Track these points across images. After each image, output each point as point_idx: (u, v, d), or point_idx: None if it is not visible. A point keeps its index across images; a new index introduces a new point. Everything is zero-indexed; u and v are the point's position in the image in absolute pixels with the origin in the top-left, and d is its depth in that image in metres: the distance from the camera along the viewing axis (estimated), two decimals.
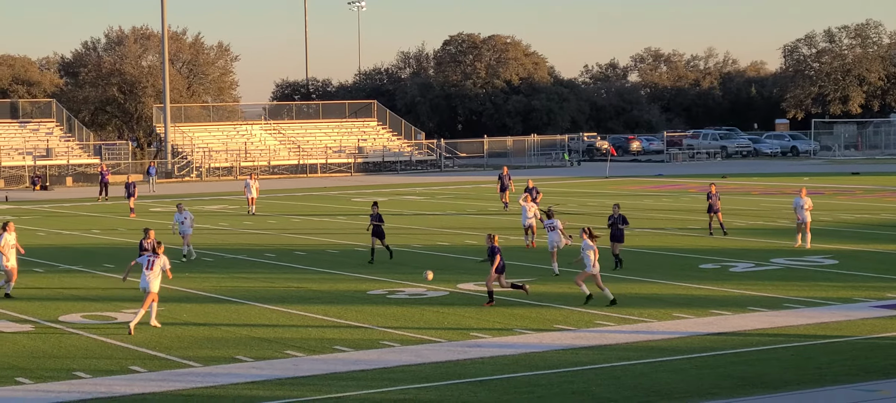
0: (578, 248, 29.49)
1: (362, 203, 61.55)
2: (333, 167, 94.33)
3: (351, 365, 22.64)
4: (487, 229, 46.13)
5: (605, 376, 21.66)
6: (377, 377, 21.68)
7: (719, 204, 43.22)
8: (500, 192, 56.77)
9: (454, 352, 23.69)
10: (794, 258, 36.91)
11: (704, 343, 24.47)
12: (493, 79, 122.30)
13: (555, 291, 31.01)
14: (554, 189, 70.33)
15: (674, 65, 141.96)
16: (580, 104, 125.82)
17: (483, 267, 35.73)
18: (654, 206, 57.12)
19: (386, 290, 31.54)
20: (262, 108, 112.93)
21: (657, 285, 32.02)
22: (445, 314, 28.02)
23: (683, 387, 20.73)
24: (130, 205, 56.70)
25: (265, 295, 30.85)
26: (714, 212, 42.88)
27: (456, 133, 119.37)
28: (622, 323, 26.58)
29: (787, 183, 70.99)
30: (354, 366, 22.57)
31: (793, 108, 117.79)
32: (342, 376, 21.80)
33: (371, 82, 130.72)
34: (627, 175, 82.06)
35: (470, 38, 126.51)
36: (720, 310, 27.89)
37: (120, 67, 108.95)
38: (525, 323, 26.74)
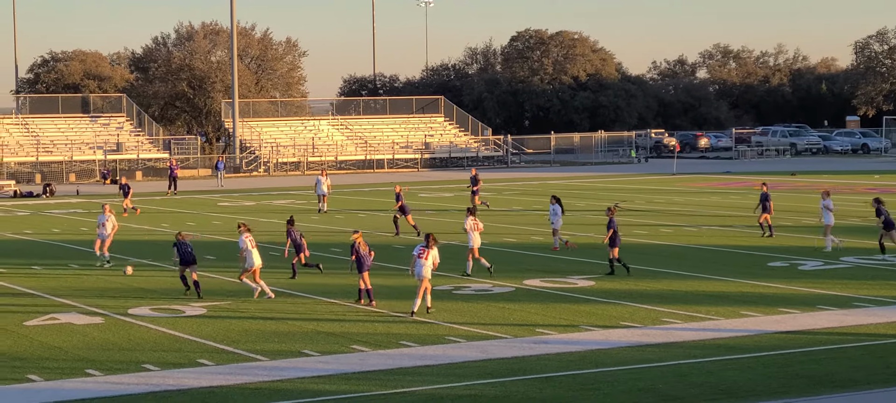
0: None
1: (429, 198, 61.63)
2: (400, 163, 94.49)
3: (416, 361, 22.67)
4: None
5: (672, 373, 21.55)
6: (442, 372, 21.70)
7: (772, 205, 42.72)
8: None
9: (520, 348, 23.67)
10: (865, 256, 36.55)
11: (773, 341, 24.28)
12: (560, 76, 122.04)
13: (621, 288, 30.90)
14: (621, 186, 70.09)
15: (743, 61, 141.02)
16: (648, 100, 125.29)
17: (547, 263, 35.67)
18: (721, 203, 56.75)
19: (452, 286, 31.56)
20: (330, 104, 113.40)
21: (725, 283, 31.82)
22: (511, 310, 27.99)
23: (751, 386, 20.58)
24: (125, 205, 54.38)
25: (332, 290, 30.95)
26: (766, 212, 42.35)
27: (523, 129, 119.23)
28: (689, 321, 26.43)
29: (858, 180, 70.31)
30: (420, 361, 22.60)
31: (864, 105, 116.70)
32: (408, 371, 21.83)
33: (438, 78, 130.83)
34: (695, 172, 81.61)
35: (537, 33, 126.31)
36: (789, 309, 27.66)
37: (189, 63, 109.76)
38: (591, 319, 26.67)
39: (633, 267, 33.87)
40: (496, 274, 33.23)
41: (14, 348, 24.02)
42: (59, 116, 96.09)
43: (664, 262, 35.86)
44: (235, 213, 55.04)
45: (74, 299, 29.89)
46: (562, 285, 31.55)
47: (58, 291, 31.23)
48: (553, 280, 32.44)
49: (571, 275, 33.10)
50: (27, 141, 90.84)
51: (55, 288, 31.66)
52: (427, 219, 50.55)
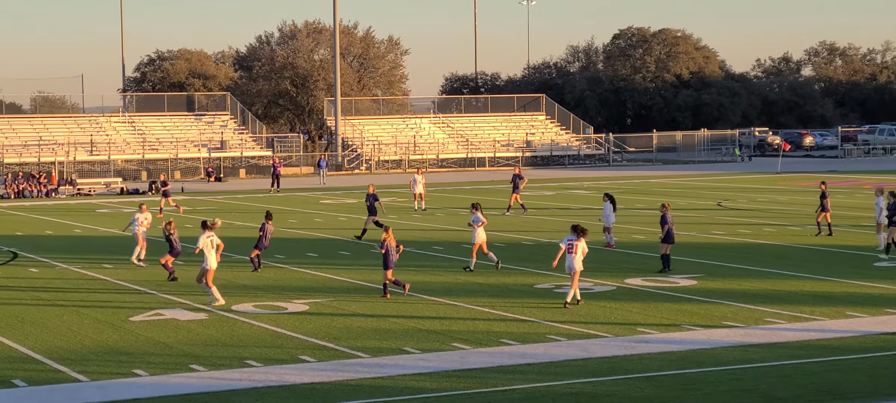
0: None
1: (530, 197, 61.56)
2: (501, 161, 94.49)
3: (517, 359, 22.66)
4: (656, 224, 45.87)
5: (775, 374, 21.34)
6: (543, 371, 21.67)
7: (829, 204, 42.24)
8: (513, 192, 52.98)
9: (620, 347, 23.57)
10: (881, 249, 35.93)
11: (879, 342, 23.94)
12: (662, 73, 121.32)
13: (723, 287, 30.66)
14: (723, 185, 69.51)
15: (849, 58, 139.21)
16: (751, 98, 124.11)
17: (646, 263, 35.49)
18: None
19: (553, 284, 31.51)
20: (431, 102, 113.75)
21: (830, 283, 31.43)
22: (612, 308, 27.89)
23: (857, 387, 20.30)
24: (162, 205, 54.06)
25: (432, 288, 31.04)
26: (825, 211, 41.86)
27: (624, 127, 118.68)
28: (793, 321, 26.15)
29: None
30: (520, 360, 22.58)
31: None
32: (508, 369, 21.83)
33: (539, 76, 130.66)
34: (800, 170, 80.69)
35: (640, 31, 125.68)
36: (895, 310, 27.26)
37: (292, 61, 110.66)
38: (693, 319, 26.48)
39: (737, 266, 33.61)
40: (600, 273, 33.12)
41: (120, 343, 24.40)
42: (164, 114, 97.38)
43: (768, 262, 35.51)
44: (337, 211, 55.40)
45: (180, 295, 30.27)
46: (663, 284, 31.36)
47: (163, 287, 31.65)
48: (654, 279, 32.26)
49: (674, 275, 32.90)
50: (133, 139, 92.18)
51: (161, 284, 32.09)
52: (529, 218, 50.50)
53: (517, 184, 52.99)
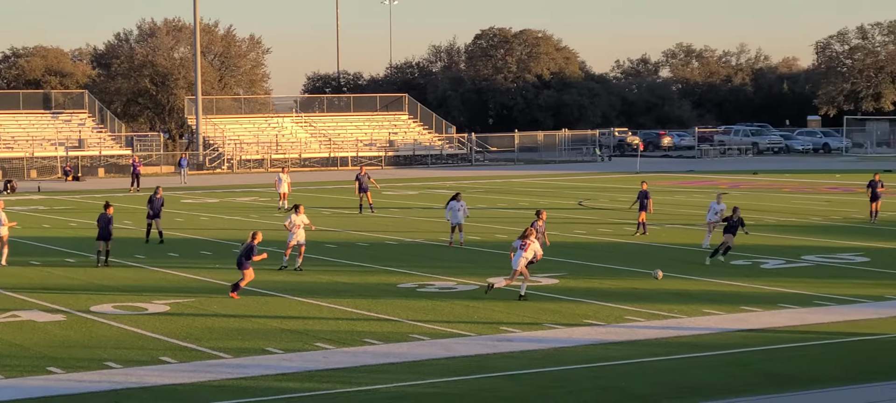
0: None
1: (393, 196, 61.61)
2: (364, 160, 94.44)
3: (381, 358, 22.67)
4: (517, 223, 46.20)
5: (635, 371, 21.64)
6: (407, 370, 21.70)
7: (651, 204, 43.03)
8: (359, 193, 52.80)
9: (484, 346, 23.70)
10: (826, 255, 36.78)
11: (735, 339, 24.41)
12: (524, 74, 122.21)
13: (584, 286, 30.99)
14: (584, 184, 70.26)
15: (705, 60, 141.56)
16: (611, 99, 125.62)
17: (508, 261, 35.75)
18: (685, 202, 56.97)
19: (416, 283, 31.57)
20: (294, 101, 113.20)
21: (687, 281, 31.95)
22: (475, 308, 28.02)
23: (714, 384, 20.68)
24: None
25: (296, 288, 30.91)
26: (643, 210, 42.68)
27: (487, 127, 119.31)
28: (652, 319, 26.53)
29: (819, 180, 70.71)
30: (384, 359, 22.60)
31: (825, 105, 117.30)
32: (372, 369, 21.83)
33: (402, 76, 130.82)
34: (658, 170, 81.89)
35: (501, 32, 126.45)
36: (751, 307, 27.81)
37: (152, 59, 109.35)
38: (555, 317, 26.73)
39: (598, 265, 34.02)
40: (461, 273, 33.26)
41: None
42: (20, 112, 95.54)
43: (628, 260, 35.98)
44: (199, 210, 54.90)
45: (36, 296, 29.73)
46: (530, 283, 31.56)
47: (19, 288, 31.05)
48: (517, 278, 32.45)
49: (535, 273, 33.15)
50: None
51: (17, 286, 31.48)
52: (392, 218, 50.55)
53: (364, 183, 52.84)
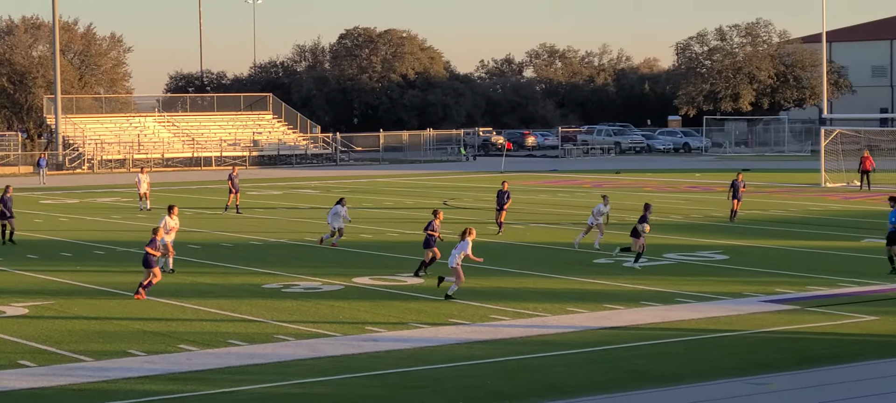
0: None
1: (258, 197, 61.21)
2: (228, 160, 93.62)
3: (245, 360, 22.50)
4: (383, 223, 46.19)
5: (500, 370, 21.76)
6: (271, 371, 21.57)
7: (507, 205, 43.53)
8: (233, 193, 52.39)
9: (349, 346, 23.66)
10: (687, 253, 37.35)
11: (598, 337, 24.67)
12: (389, 74, 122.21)
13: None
14: (449, 184, 70.49)
15: (569, 61, 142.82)
16: (476, 99, 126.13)
17: (377, 261, 35.73)
18: (549, 201, 57.44)
19: (281, 284, 31.40)
20: (156, 100, 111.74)
21: (551, 279, 32.20)
22: (340, 308, 27.96)
23: (578, 381, 20.88)
24: None
25: (158, 289, 30.51)
26: (502, 210, 43.16)
27: (352, 127, 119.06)
28: (517, 317, 26.70)
29: (680, 179, 71.80)
30: (249, 360, 22.44)
31: (685, 105, 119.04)
32: (236, 370, 21.66)
33: (266, 75, 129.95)
34: (522, 170, 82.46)
35: (366, 31, 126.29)
36: (614, 305, 28.13)
37: (9, 57, 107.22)
38: (420, 317, 26.77)
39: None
40: (326, 273, 33.17)
41: None
42: None
43: (492, 259, 36.11)
44: (58, 211, 53.99)
45: None
46: (391, 283, 31.62)
47: None
48: (382, 278, 32.49)
49: (401, 273, 33.19)
50: None
51: None
52: (256, 218, 50.22)
53: (236, 184, 52.46)
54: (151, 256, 28.93)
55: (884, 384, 20.61)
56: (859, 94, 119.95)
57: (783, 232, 43.60)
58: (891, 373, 21.34)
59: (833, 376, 21.15)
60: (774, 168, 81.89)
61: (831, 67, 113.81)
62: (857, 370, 21.60)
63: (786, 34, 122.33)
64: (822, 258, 36.28)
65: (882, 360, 22.36)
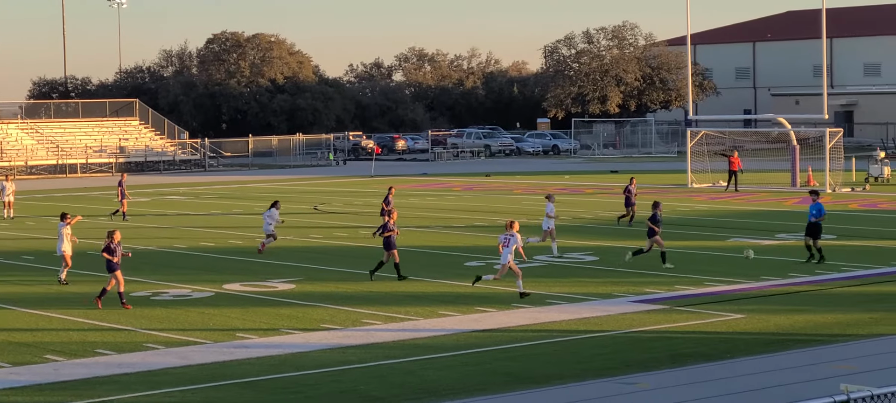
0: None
1: (125, 204, 60.33)
2: (94, 167, 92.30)
3: (114, 369, 22.16)
4: (254, 229, 45.86)
5: (373, 374, 21.70)
6: (141, 380, 21.27)
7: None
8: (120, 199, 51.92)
9: (220, 354, 23.42)
10: (557, 255, 37.59)
11: (470, 339, 24.72)
12: (257, 78, 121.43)
13: (321, 290, 30.94)
14: (319, 188, 70.21)
15: (438, 64, 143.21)
16: (345, 103, 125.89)
17: (247, 267, 35.44)
18: (419, 205, 57.47)
19: (150, 292, 30.99)
20: (18, 107, 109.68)
21: (423, 283, 32.21)
22: (211, 315, 27.68)
23: (451, 384, 20.89)
24: None
25: (24, 299, 29.95)
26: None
27: (220, 132, 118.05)
28: (389, 322, 26.66)
29: (549, 181, 72.32)
30: (117, 370, 22.10)
31: (553, 108, 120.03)
32: (104, 380, 21.31)
33: (132, 81, 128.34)
34: (393, 174, 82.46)
35: (234, 36, 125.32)
36: (485, 307, 28.21)
37: None
38: (291, 322, 26.60)
39: (335, 269, 34.04)
40: (196, 280, 32.83)
41: None
42: None
43: (364, 264, 36.05)
44: None
45: None
46: (262, 289, 31.38)
47: None
48: (253, 284, 32.24)
49: (271, 279, 32.96)
50: None
51: None
52: (124, 225, 49.53)
53: (125, 190, 51.93)
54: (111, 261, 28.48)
55: (752, 380, 20.93)
56: (723, 96, 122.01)
57: None
58: (759, 370, 21.70)
59: (703, 374, 21.45)
60: (642, 169, 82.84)
61: (696, 69, 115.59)
62: (726, 367, 21.92)
63: (652, 37, 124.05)
64: (689, 258, 36.79)
65: (750, 357, 22.73)
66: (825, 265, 34.20)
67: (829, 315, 26.89)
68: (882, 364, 21.71)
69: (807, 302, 28.74)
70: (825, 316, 26.78)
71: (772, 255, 36.86)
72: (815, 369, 21.61)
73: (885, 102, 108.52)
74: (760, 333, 24.98)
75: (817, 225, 35.09)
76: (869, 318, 26.36)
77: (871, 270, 33.25)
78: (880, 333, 24.74)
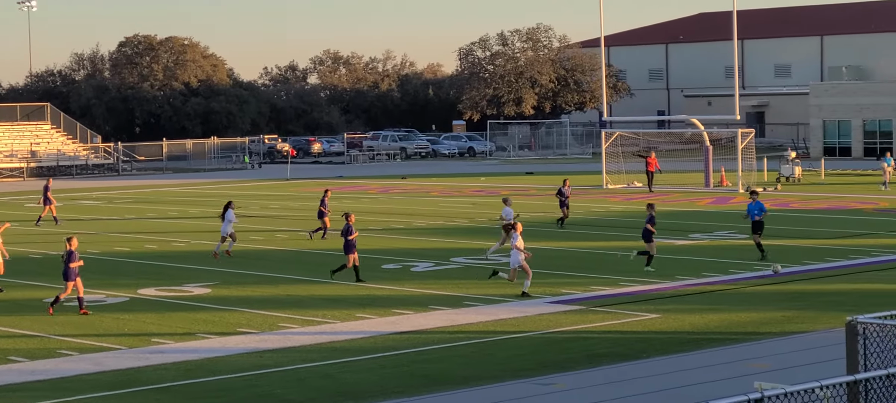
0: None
1: (37, 209, 59.65)
2: (4, 172, 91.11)
3: (26, 376, 21.88)
4: (169, 233, 45.53)
5: (290, 378, 21.61)
6: (55, 387, 21.02)
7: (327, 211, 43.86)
8: (44, 204, 51.42)
9: (135, 359, 23.22)
10: (473, 256, 37.68)
11: (388, 342, 24.70)
12: (171, 82, 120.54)
13: (238, 294, 30.77)
14: (235, 192, 69.82)
15: (353, 67, 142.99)
16: (260, 106, 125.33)
17: (163, 271, 35.15)
18: (335, 208, 57.20)
19: (63, 297, 30.59)
20: None
21: (340, 286, 32.13)
22: (126, 320, 27.42)
23: (368, 387, 20.86)
24: None
25: None
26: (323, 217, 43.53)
27: (134, 136, 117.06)
28: (306, 325, 26.57)
29: (465, 183, 72.46)
30: (30, 377, 21.82)
31: (469, 110, 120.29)
32: (17, 387, 21.04)
33: (44, 84, 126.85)
34: (309, 177, 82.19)
35: (147, 39, 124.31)
36: (403, 310, 28.21)
37: None
38: (208, 327, 26.43)
39: (251, 273, 33.91)
40: (110, 286, 32.51)
41: None
42: None
43: (281, 267, 35.93)
44: None
45: None
46: (177, 293, 31.15)
47: None
48: (168, 288, 31.99)
49: (187, 283, 32.72)
50: None
51: None
52: (37, 231, 48.94)
53: (48, 196, 51.38)
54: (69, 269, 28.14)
55: (667, 379, 21.11)
56: (637, 97, 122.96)
57: (567, 233, 44.32)
58: (674, 369, 21.89)
59: (619, 374, 21.59)
60: (557, 171, 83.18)
61: (610, 71, 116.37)
62: (641, 367, 22.09)
63: (566, 39, 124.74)
64: (604, 258, 37.01)
65: (665, 357, 22.92)
66: (739, 264, 34.58)
67: (743, 313, 27.18)
68: (795, 362, 21.98)
69: (721, 301, 29.04)
70: (739, 314, 27.08)
71: (686, 255, 37.20)
72: (730, 367, 21.83)
73: (796, 103, 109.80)
74: (676, 332, 25.19)
75: (761, 222, 36.33)
76: (781, 316, 26.69)
77: (783, 269, 33.64)
78: (793, 331, 25.06)
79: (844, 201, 54.65)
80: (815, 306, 27.95)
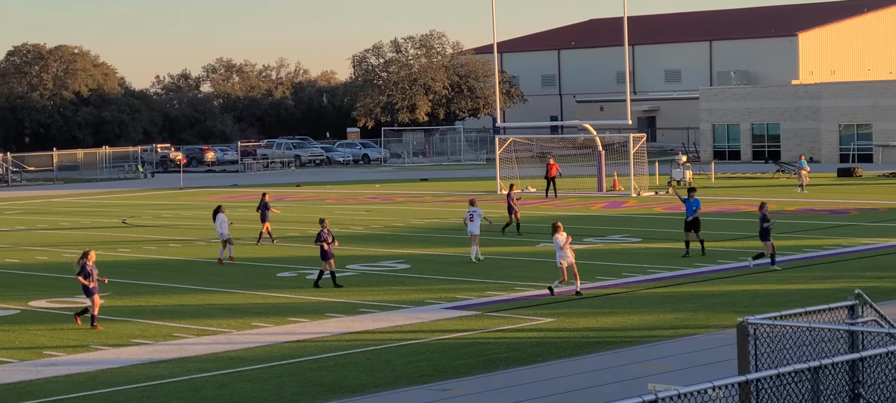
0: None
1: None
2: None
3: None
4: (58, 245, 44.96)
5: (186, 388, 21.46)
6: None
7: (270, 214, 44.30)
8: None
9: (26, 372, 22.91)
10: (369, 263, 37.69)
11: (284, 350, 24.63)
12: (61, 91, 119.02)
13: (131, 305, 30.49)
14: (127, 202, 69.13)
15: (246, 75, 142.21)
16: (153, 115, 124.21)
17: (54, 283, 34.70)
18: (230, 217, 56.88)
19: None
20: None
21: (235, 295, 31.97)
22: (16, 333, 27.05)
23: (264, 396, 20.78)
24: None
25: None
26: (266, 221, 43.94)
27: (23, 146, 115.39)
28: (201, 335, 26.40)
29: (360, 190, 72.39)
30: None
31: (363, 117, 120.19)
32: None
33: None
34: (203, 185, 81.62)
35: (36, 47, 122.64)
36: (298, 318, 28.14)
37: None
38: (101, 338, 26.15)
39: (145, 283, 33.62)
40: (1, 297, 32.06)
41: None
42: None
43: (174, 277, 35.65)
44: None
45: None
46: (70, 305, 30.77)
47: None
48: (60, 300, 31.60)
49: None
50: None
51: None
52: None
53: None
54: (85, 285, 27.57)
55: (563, 383, 21.28)
56: (531, 103, 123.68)
57: (463, 239, 44.43)
58: (569, 372, 22.07)
59: (515, 378, 21.73)
60: (452, 177, 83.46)
61: (503, 77, 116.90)
62: (537, 371, 22.25)
63: (459, 45, 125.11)
64: (499, 263, 37.19)
65: (560, 360, 23.10)
66: (631, 267, 34.93)
67: (636, 316, 27.48)
68: (687, 364, 22.27)
69: (614, 304, 29.33)
70: (632, 317, 27.37)
71: (580, 260, 37.47)
72: (624, 370, 22.07)
73: (686, 107, 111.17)
74: (570, 336, 25.40)
75: (696, 220, 37.47)
76: (674, 318, 27.03)
77: (675, 271, 34.08)
78: (685, 333, 25.39)
79: (734, 204, 55.42)
80: (707, 307, 28.35)
